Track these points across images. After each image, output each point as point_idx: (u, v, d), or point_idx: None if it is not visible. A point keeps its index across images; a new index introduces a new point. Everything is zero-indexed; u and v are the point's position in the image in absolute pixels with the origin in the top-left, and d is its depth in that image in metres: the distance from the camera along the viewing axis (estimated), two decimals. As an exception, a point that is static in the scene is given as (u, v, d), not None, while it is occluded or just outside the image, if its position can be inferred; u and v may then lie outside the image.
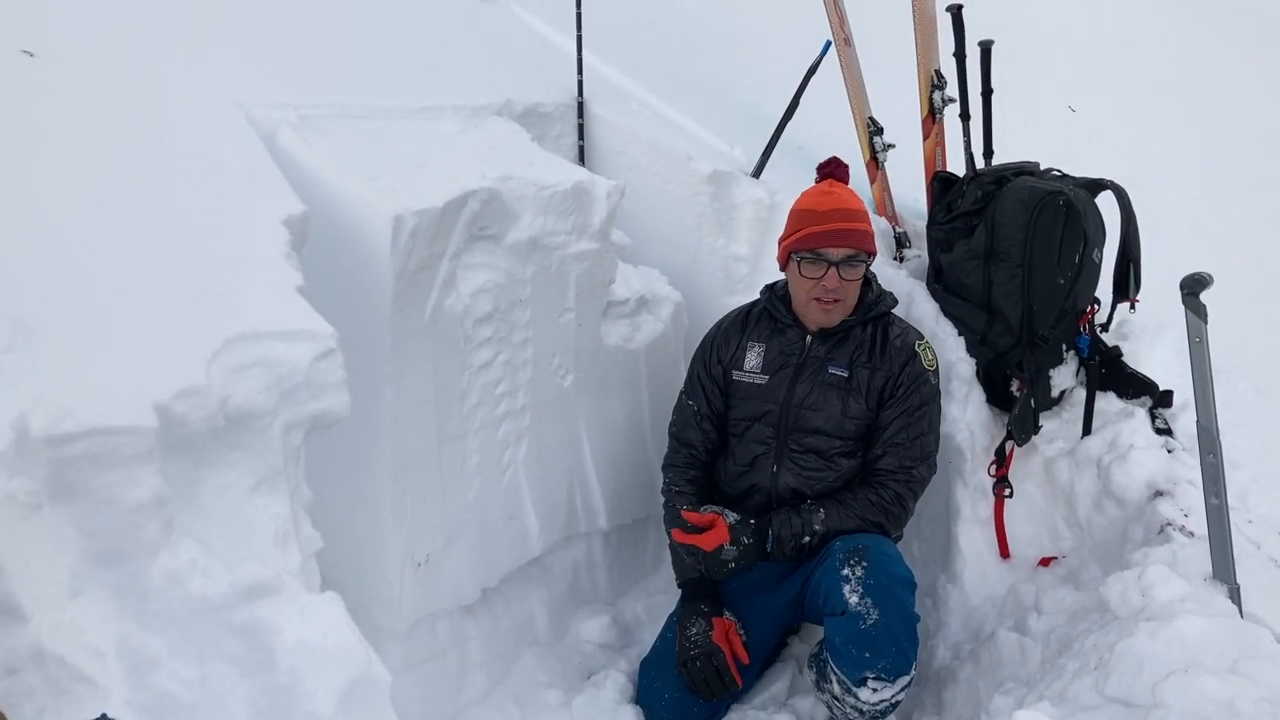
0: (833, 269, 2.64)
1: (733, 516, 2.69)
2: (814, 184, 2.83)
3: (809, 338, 2.77)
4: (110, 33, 2.60)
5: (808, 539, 2.64)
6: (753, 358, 2.81)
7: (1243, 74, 7.27)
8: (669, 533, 2.83)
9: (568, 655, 2.98)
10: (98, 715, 1.39)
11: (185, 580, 1.58)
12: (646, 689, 2.79)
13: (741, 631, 2.75)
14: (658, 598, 3.23)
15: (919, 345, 2.76)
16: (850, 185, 2.82)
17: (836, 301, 2.68)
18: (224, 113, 2.47)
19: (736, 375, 2.83)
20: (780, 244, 2.78)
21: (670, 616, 2.87)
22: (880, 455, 2.70)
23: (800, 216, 2.72)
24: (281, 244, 2.05)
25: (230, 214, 2.09)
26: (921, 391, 2.70)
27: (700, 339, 2.98)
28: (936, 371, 2.77)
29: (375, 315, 2.33)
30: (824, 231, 2.64)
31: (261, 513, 1.75)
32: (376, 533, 2.45)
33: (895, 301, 2.85)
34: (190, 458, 1.68)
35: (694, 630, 2.71)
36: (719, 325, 2.94)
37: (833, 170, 2.81)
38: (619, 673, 2.87)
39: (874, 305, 2.77)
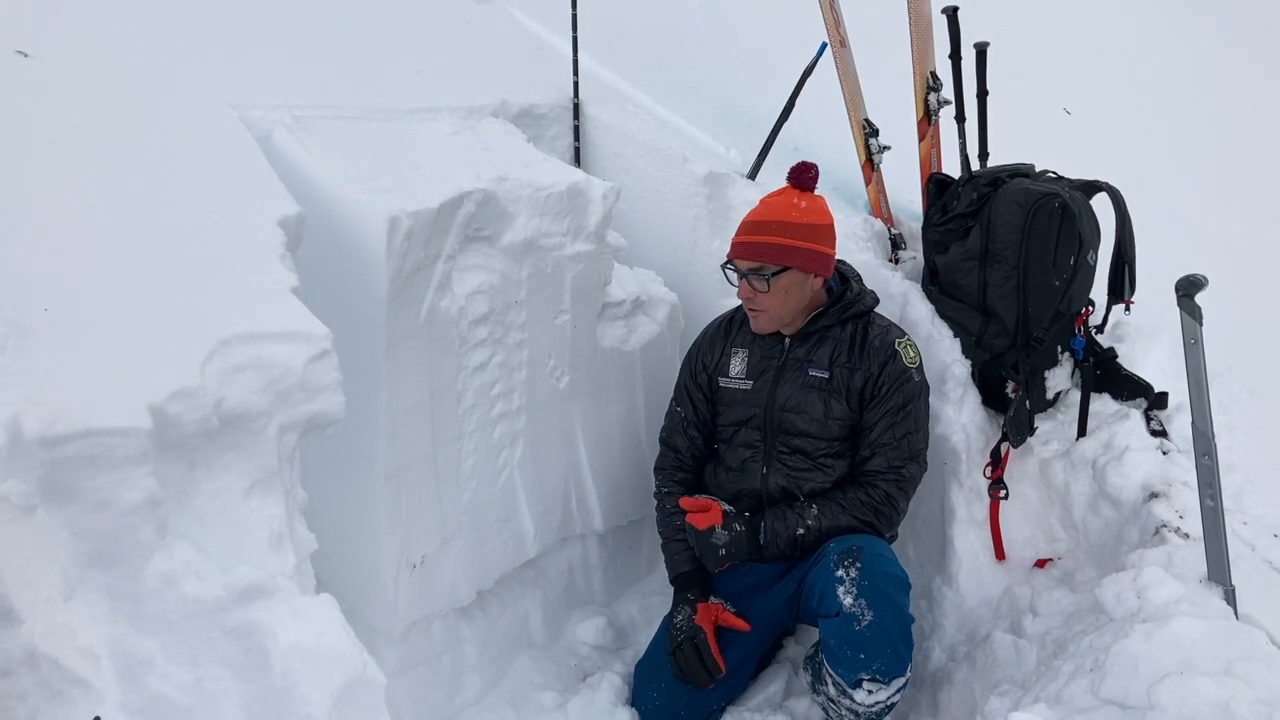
0: (743, 279, 2.69)
1: (728, 506, 2.73)
2: None
3: (788, 340, 2.78)
4: (105, 33, 2.60)
5: (801, 531, 2.64)
6: (737, 364, 2.83)
7: (1237, 76, 7.28)
8: (661, 533, 2.88)
9: (563, 657, 2.98)
10: (91, 718, 1.38)
11: (179, 582, 1.57)
12: (641, 691, 2.79)
13: (731, 608, 2.75)
14: (653, 600, 3.23)
15: (899, 343, 2.73)
16: (818, 190, 2.73)
17: (758, 311, 2.72)
18: (219, 113, 2.46)
19: (723, 382, 2.85)
20: None
21: (665, 618, 2.87)
22: (869, 457, 2.70)
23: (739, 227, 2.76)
24: (276, 245, 2.05)
25: (225, 215, 2.09)
26: (904, 390, 2.69)
27: (694, 341, 2.99)
28: (920, 368, 2.75)
29: (370, 317, 2.33)
30: (736, 242, 2.71)
31: (256, 515, 1.74)
32: (371, 535, 2.45)
33: (876, 300, 2.84)
34: (184, 460, 1.68)
35: (680, 617, 2.74)
36: (704, 334, 2.97)
37: (793, 177, 2.72)
38: (614, 675, 2.87)
39: (851, 304, 2.76)
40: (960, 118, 3.46)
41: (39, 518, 1.48)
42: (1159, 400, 2.99)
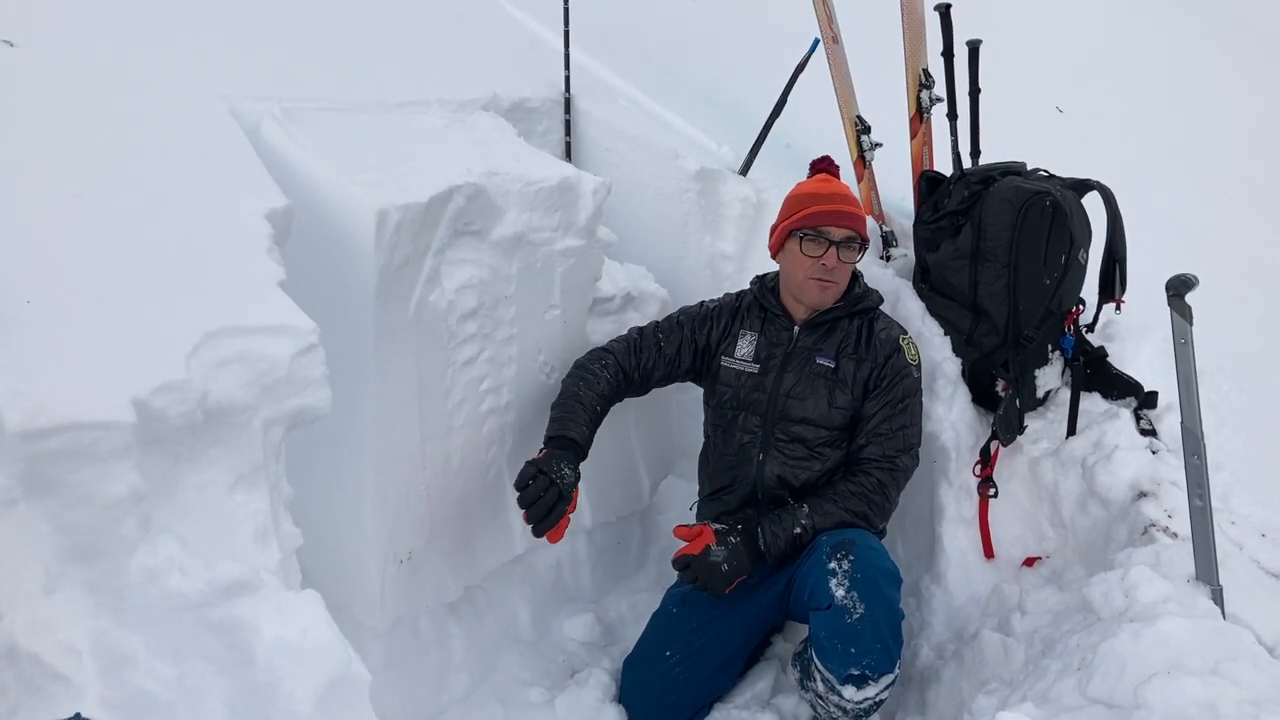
0: (833, 248, 2.70)
1: (717, 525, 2.70)
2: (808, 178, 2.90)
3: (796, 328, 2.81)
4: (92, 23, 2.58)
5: (798, 531, 2.64)
6: (744, 345, 2.85)
7: (1229, 75, 7.30)
8: (566, 391, 2.74)
9: (551, 654, 2.97)
10: (72, 714, 1.37)
11: (163, 577, 1.56)
12: (630, 688, 2.79)
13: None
14: (641, 596, 3.22)
15: (903, 340, 2.80)
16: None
17: (830, 283, 2.73)
18: (207, 105, 2.44)
19: (726, 361, 2.85)
20: (776, 227, 2.83)
21: (653, 615, 2.87)
22: (864, 445, 2.73)
23: (801, 199, 2.79)
24: (264, 238, 2.03)
25: (212, 207, 2.07)
26: (904, 384, 2.75)
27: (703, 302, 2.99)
28: (919, 366, 2.81)
29: (358, 311, 2.32)
30: (828, 211, 2.71)
31: (241, 509, 1.73)
32: (358, 530, 2.43)
33: (881, 299, 2.90)
34: (169, 453, 1.66)
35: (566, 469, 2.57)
36: (717, 303, 2.95)
37: (825, 166, 2.89)
38: (602, 671, 2.86)
39: (862, 299, 2.82)
40: (952, 115, 3.45)
41: (20, 511, 1.47)
42: (1149, 399, 2.99)
